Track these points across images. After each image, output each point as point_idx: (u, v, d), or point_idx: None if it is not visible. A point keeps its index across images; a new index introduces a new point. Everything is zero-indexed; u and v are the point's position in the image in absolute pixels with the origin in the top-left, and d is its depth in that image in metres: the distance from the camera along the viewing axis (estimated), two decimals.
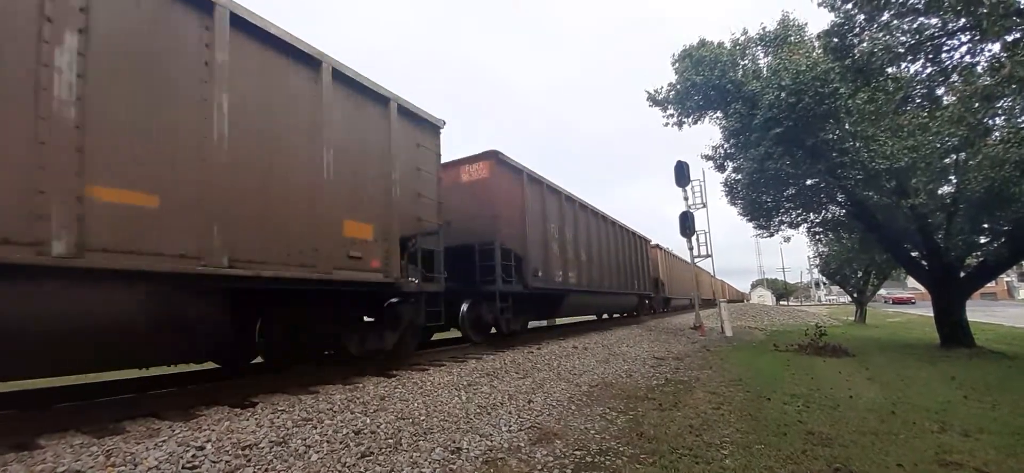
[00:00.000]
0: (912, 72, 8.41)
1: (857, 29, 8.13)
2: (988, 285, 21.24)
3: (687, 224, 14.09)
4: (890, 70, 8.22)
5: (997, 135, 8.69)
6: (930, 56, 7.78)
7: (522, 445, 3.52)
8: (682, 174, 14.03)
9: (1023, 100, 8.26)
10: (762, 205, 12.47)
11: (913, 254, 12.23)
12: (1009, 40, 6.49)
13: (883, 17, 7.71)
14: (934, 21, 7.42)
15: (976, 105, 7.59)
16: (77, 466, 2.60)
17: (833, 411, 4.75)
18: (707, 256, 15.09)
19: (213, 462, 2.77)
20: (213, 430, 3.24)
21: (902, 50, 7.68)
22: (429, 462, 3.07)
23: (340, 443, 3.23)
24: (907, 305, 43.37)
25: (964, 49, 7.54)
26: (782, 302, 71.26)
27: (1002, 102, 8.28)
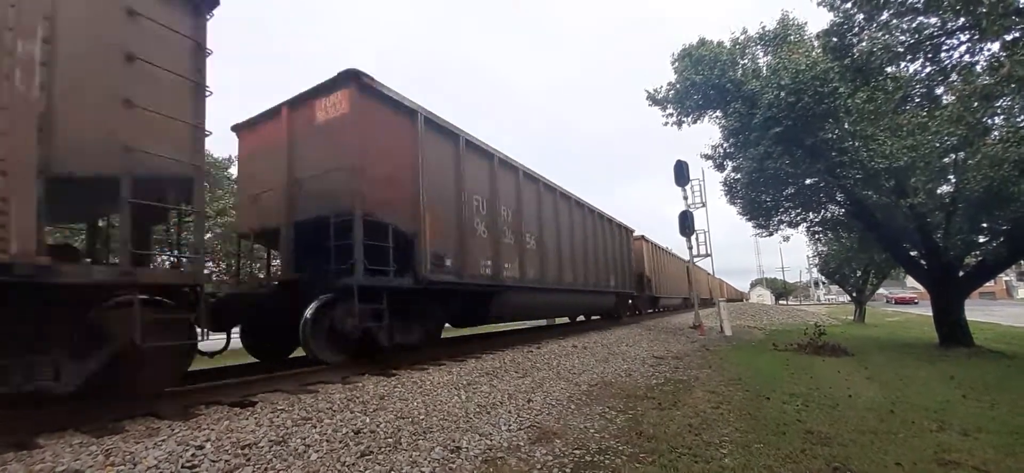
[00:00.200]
0: (911, 71, 8.42)
1: (856, 28, 8.13)
2: (987, 284, 21.26)
3: (686, 223, 14.11)
4: (889, 69, 8.22)
5: (996, 134, 8.71)
6: (929, 55, 7.78)
7: (521, 444, 3.52)
8: (681, 173, 14.05)
9: (1022, 99, 8.27)
10: (761, 204, 12.50)
11: (912, 253, 12.25)
12: (1008, 39, 6.49)
13: (882, 16, 7.71)
14: (933, 20, 7.43)
15: (975, 104, 7.60)
16: (76, 465, 2.60)
17: (832, 410, 4.76)
18: (706, 255, 15.12)
19: (212, 461, 2.77)
20: (212, 429, 3.24)
21: (901, 49, 7.68)
22: (428, 461, 3.08)
23: (340, 442, 3.23)
24: (909, 305, 42.02)
25: (963, 48, 7.55)
26: (781, 301, 71.32)
27: (1001, 101, 8.28)
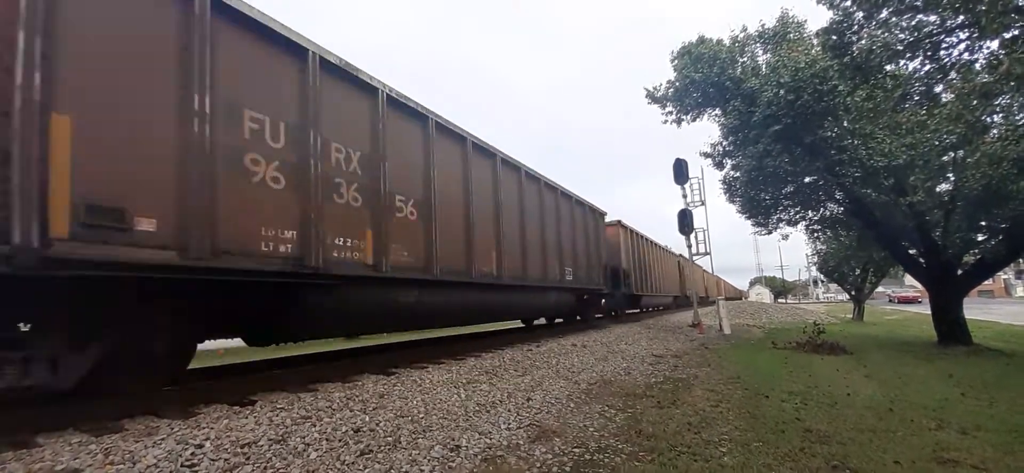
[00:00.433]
0: (911, 69, 8.42)
1: (856, 26, 8.13)
2: (985, 283, 21.29)
3: (686, 222, 14.12)
4: (889, 67, 8.23)
5: (995, 132, 8.70)
6: (929, 53, 7.77)
7: (521, 443, 3.52)
8: (681, 172, 14.05)
9: (1021, 97, 8.27)
10: (760, 202, 12.50)
11: (911, 252, 12.26)
12: (1007, 37, 6.49)
13: (882, 14, 7.71)
14: (933, 18, 7.42)
15: (974, 103, 7.60)
16: (75, 464, 2.59)
17: (831, 409, 4.76)
18: (706, 254, 15.14)
19: (212, 460, 2.76)
20: (212, 428, 3.23)
21: (901, 47, 7.67)
22: (428, 460, 3.07)
23: (339, 441, 3.22)
24: (913, 304, 39.21)
25: (962, 46, 7.54)
26: (780, 300, 71.43)
27: (1000, 99, 8.29)
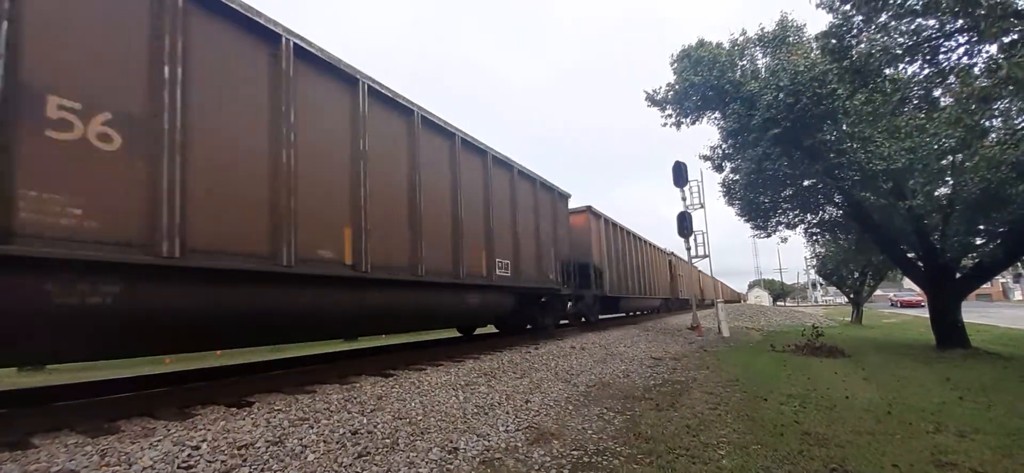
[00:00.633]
0: (909, 73, 8.43)
1: (855, 30, 8.14)
2: (983, 286, 21.30)
3: (685, 224, 14.13)
4: (888, 71, 8.23)
5: (994, 137, 8.71)
6: (928, 57, 7.78)
7: (519, 445, 3.52)
8: (680, 174, 14.06)
9: (1020, 102, 8.29)
10: (759, 205, 12.50)
11: (909, 255, 12.26)
12: (1006, 41, 6.49)
13: (881, 18, 7.72)
14: (932, 22, 7.43)
15: (973, 107, 7.59)
16: (72, 466, 2.58)
17: (829, 411, 4.76)
18: (705, 256, 15.14)
19: (208, 462, 2.75)
20: (209, 429, 3.22)
21: (900, 51, 7.69)
22: (426, 462, 3.07)
23: (337, 443, 3.21)
24: (915, 308, 36.47)
25: (962, 50, 7.55)
26: (779, 303, 71.52)
27: (999, 104, 8.28)
